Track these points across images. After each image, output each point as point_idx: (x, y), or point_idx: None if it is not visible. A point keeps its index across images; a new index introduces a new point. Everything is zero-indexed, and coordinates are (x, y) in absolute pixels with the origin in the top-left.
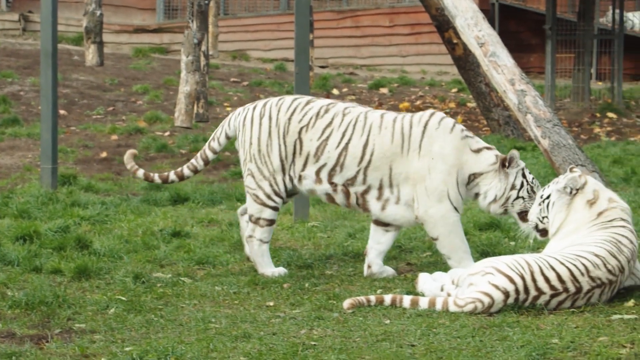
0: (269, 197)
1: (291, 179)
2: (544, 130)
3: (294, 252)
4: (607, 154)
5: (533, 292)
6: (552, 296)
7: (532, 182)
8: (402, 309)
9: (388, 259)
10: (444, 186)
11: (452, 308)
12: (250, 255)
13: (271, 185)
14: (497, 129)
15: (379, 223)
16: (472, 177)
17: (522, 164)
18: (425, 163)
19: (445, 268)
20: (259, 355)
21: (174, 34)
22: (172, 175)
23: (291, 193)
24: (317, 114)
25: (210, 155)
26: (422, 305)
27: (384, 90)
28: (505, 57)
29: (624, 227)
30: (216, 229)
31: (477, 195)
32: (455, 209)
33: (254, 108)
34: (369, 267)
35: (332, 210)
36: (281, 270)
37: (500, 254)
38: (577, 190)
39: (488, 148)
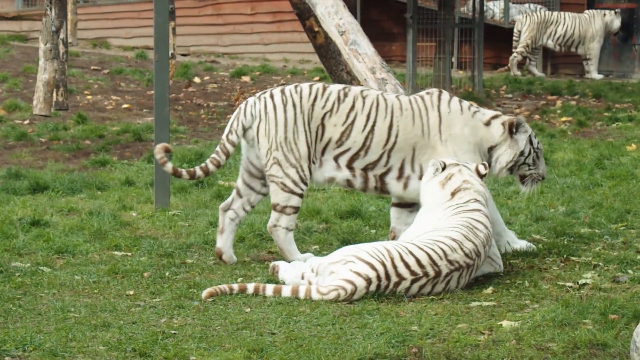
0: (296, 184)
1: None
2: None
3: (155, 240)
4: None
5: (394, 278)
6: (413, 281)
7: (538, 149)
8: (262, 297)
9: (249, 247)
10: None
11: (315, 296)
12: (278, 245)
13: (298, 172)
14: None
15: (402, 205)
16: (490, 149)
17: (530, 130)
18: (449, 149)
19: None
20: (118, 344)
21: (34, 22)
22: (198, 171)
23: None
24: (338, 98)
25: (231, 149)
26: (285, 294)
27: (246, 79)
28: (366, 46)
29: (478, 210)
30: (76, 218)
31: (490, 164)
32: None
33: (272, 96)
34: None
35: (193, 199)
36: (308, 255)
37: (361, 242)
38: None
39: (494, 117)
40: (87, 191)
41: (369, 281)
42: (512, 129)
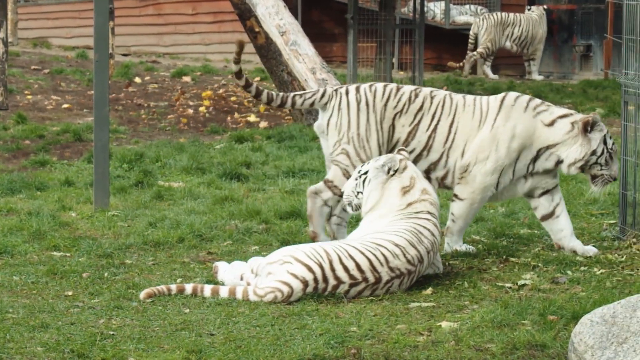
0: None
1: None
2: None
3: (94, 241)
4: None
5: (332, 281)
6: (352, 285)
7: (611, 149)
8: (201, 298)
9: (188, 248)
10: (503, 161)
11: (252, 297)
12: (308, 211)
13: None
14: (300, 117)
15: (545, 217)
16: (544, 150)
17: (605, 130)
18: (495, 135)
19: (245, 257)
20: (56, 345)
21: None
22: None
23: None
24: (409, 99)
25: (289, 104)
26: (222, 295)
27: (186, 79)
28: (306, 46)
29: (427, 219)
30: (15, 218)
31: (557, 163)
32: (497, 185)
33: (347, 93)
34: (574, 251)
35: (133, 200)
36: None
37: (300, 243)
38: (395, 172)
39: (563, 116)
40: (27, 191)
41: (305, 283)
42: (587, 128)
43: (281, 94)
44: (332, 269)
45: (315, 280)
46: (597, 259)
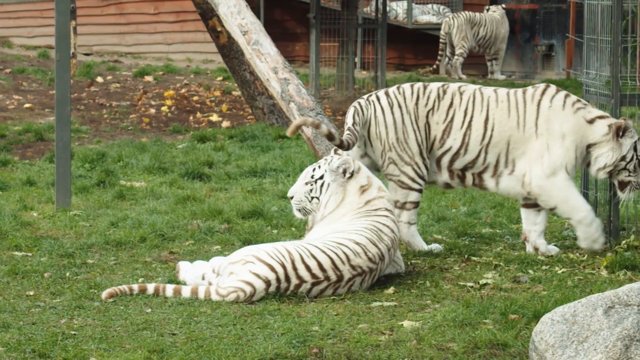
0: (413, 180)
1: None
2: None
3: (56, 241)
4: None
5: (294, 281)
6: (314, 284)
7: None
8: (163, 298)
9: (150, 247)
10: (561, 162)
11: (215, 297)
12: (402, 239)
13: (414, 169)
14: (262, 117)
15: (529, 205)
16: (588, 148)
17: (636, 136)
18: (543, 141)
19: (207, 257)
20: (18, 345)
21: None
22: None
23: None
24: (438, 95)
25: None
26: (184, 294)
27: (149, 78)
28: (268, 46)
29: (386, 216)
30: None
31: (588, 164)
32: (568, 173)
33: (379, 100)
34: (536, 249)
35: (95, 199)
36: (437, 245)
37: (262, 242)
38: (352, 173)
39: (601, 117)
40: None
41: (268, 283)
42: (619, 132)
43: (348, 132)
44: (295, 268)
45: (278, 279)
46: (559, 258)
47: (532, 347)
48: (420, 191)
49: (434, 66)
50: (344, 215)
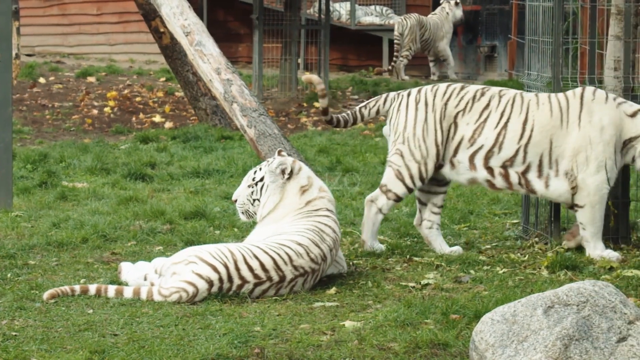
0: (412, 178)
1: (440, 166)
2: (250, 119)
3: None
4: (314, 144)
5: (237, 281)
6: (256, 285)
7: None
8: (105, 299)
9: (92, 248)
10: (602, 156)
11: (157, 297)
12: (364, 218)
13: (419, 169)
14: (205, 118)
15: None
16: (628, 142)
17: None
18: (585, 134)
19: (149, 257)
20: None
21: None
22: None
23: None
24: (474, 97)
25: (358, 118)
26: (126, 295)
27: (91, 79)
28: (211, 46)
29: (327, 216)
30: None
31: (633, 158)
32: (608, 180)
33: (409, 94)
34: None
35: (37, 200)
36: (381, 247)
37: (205, 243)
38: (291, 174)
39: None
40: None
41: (210, 283)
42: None
43: (348, 112)
44: (237, 269)
45: (220, 280)
46: (500, 258)
47: (472, 347)
48: (410, 190)
49: (389, 67)
50: (285, 216)
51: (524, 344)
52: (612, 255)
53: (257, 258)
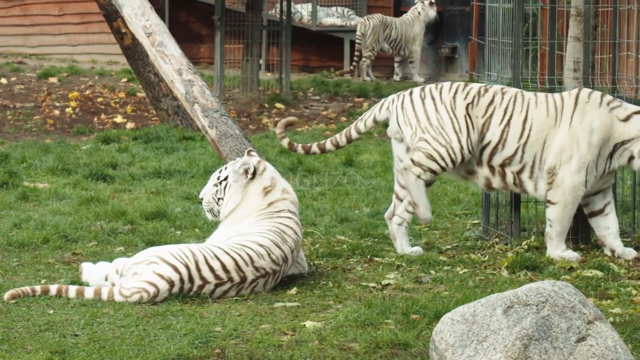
0: (442, 158)
1: (470, 152)
2: (212, 120)
3: None
4: (275, 144)
5: (198, 282)
6: (217, 285)
7: None
8: (66, 299)
9: (53, 249)
10: (586, 158)
11: (118, 298)
12: (407, 186)
13: (448, 151)
14: (167, 118)
15: (594, 213)
16: (619, 145)
17: None
18: (574, 134)
19: (110, 258)
20: None
21: None
22: (314, 147)
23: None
24: (478, 93)
25: (354, 135)
26: (87, 295)
27: (53, 80)
28: (173, 47)
29: (289, 218)
30: None
31: (630, 158)
32: (586, 183)
33: (411, 93)
34: (613, 251)
35: None
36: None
37: (166, 244)
38: (254, 174)
39: (638, 112)
40: None
41: (171, 284)
42: None
43: (343, 131)
44: (198, 269)
45: (182, 280)
46: (460, 258)
47: (432, 347)
48: (443, 169)
49: (351, 68)
50: (247, 217)
51: (483, 344)
52: (572, 255)
53: (218, 259)
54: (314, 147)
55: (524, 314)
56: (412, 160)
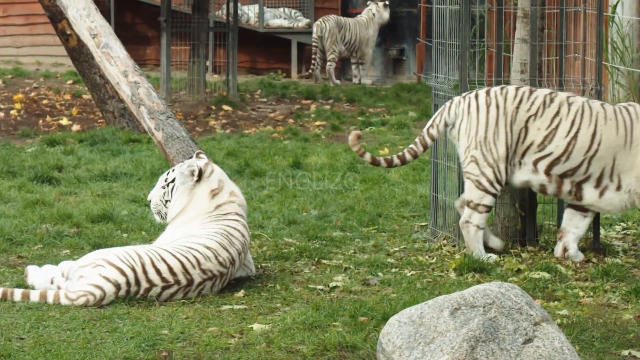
0: (491, 183)
1: (511, 168)
2: (158, 122)
3: None
4: (222, 146)
5: (144, 284)
6: (164, 288)
7: None
8: (11, 302)
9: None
10: None
11: (64, 301)
12: (466, 241)
13: (494, 173)
14: (113, 121)
15: (578, 208)
16: None
17: None
18: None
19: (56, 261)
20: None
21: None
22: (395, 159)
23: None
24: (544, 102)
25: (429, 142)
26: (33, 299)
27: None
28: (118, 49)
29: (237, 220)
30: None
31: None
32: None
33: (477, 96)
34: (565, 249)
35: None
36: (493, 255)
37: (112, 246)
38: (200, 176)
39: None
40: None
41: (118, 287)
42: None
43: (417, 139)
44: (145, 272)
45: (128, 283)
46: (408, 260)
47: (379, 349)
48: (495, 196)
49: (309, 71)
50: (194, 219)
51: (430, 346)
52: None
53: (165, 261)
54: (396, 160)
55: (471, 315)
56: (468, 203)
